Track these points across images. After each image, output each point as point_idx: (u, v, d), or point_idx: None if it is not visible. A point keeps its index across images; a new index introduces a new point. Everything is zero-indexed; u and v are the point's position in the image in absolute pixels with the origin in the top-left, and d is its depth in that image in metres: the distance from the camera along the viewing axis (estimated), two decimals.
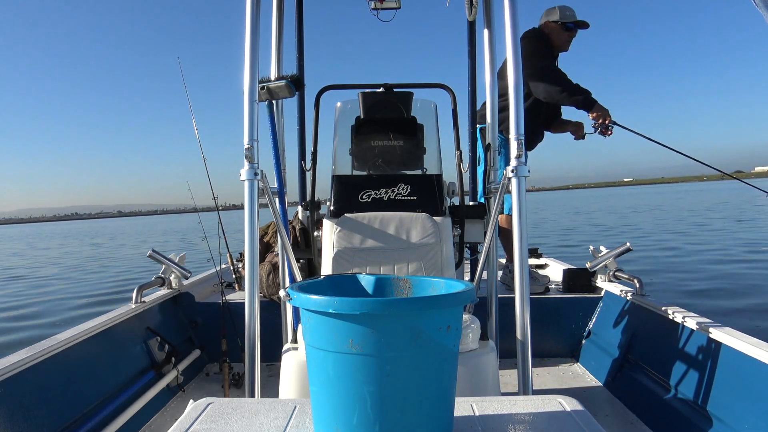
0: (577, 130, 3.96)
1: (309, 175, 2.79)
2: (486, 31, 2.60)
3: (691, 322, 2.35)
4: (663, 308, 2.59)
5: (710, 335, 2.20)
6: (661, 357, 2.57)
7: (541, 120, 3.86)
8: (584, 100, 3.54)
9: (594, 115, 3.54)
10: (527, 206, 1.78)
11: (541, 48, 3.70)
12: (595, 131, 3.58)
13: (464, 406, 1.24)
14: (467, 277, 3.04)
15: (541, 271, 3.92)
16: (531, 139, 3.86)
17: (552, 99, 3.62)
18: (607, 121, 3.50)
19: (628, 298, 2.98)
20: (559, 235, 15.40)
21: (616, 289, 3.16)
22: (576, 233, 16.37)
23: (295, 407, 1.27)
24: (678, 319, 2.46)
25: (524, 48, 3.61)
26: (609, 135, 3.52)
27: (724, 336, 2.11)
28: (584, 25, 3.77)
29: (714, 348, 2.19)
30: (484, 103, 2.81)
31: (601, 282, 3.38)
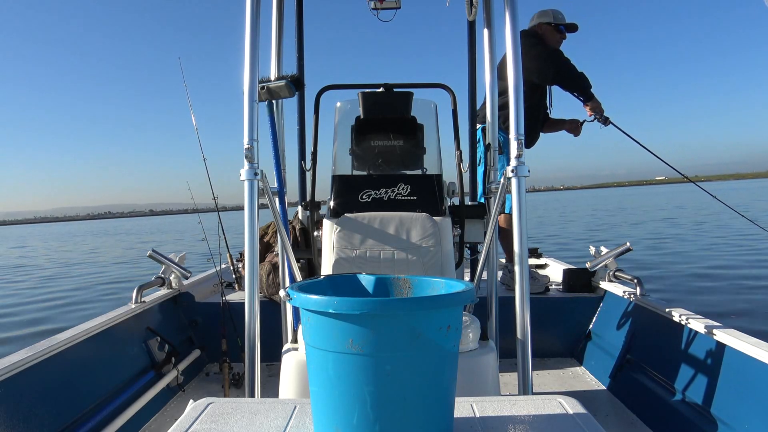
0: (575, 128, 4.01)
1: (309, 175, 2.79)
2: (486, 31, 2.60)
3: (693, 323, 2.34)
4: (664, 309, 2.59)
5: (712, 336, 2.19)
6: (661, 358, 2.57)
7: (540, 120, 3.92)
8: (587, 89, 3.74)
9: (591, 106, 3.78)
10: (527, 206, 1.79)
11: (539, 43, 3.78)
12: (593, 119, 3.85)
13: (464, 407, 1.24)
14: (467, 277, 3.04)
15: (541, 271, 3.92)
16: (530, 139, 3.90)
17: (561, 78, 3.75)
18: (603, 114, 3.77)
19: (629, 298, 2.97)
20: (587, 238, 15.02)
21: (616, 289, 3.15)
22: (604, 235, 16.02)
23: (295, 407, 1.27)
24: (679, 319, 2.45)
25: (523, 44, 3.67)
26: (607, 126, 3.82)
27: (726, 337, 2.10)
28: (574, 27, 3.89)
29: (716, 349, 2.18)
30: (484, 103, 2.81)
31: (601, 282, 3.38)
